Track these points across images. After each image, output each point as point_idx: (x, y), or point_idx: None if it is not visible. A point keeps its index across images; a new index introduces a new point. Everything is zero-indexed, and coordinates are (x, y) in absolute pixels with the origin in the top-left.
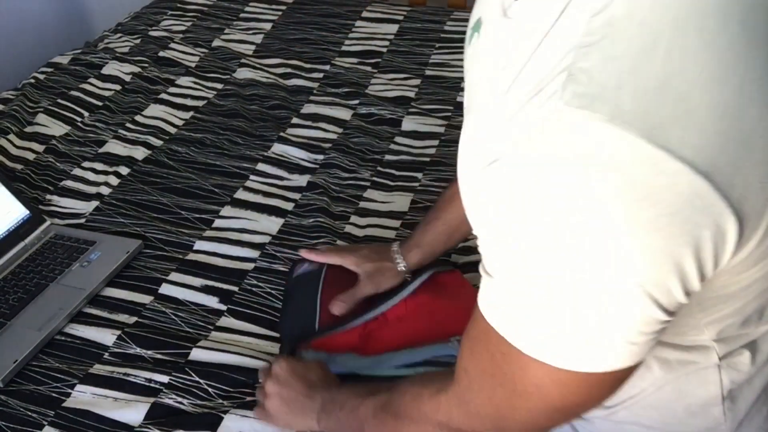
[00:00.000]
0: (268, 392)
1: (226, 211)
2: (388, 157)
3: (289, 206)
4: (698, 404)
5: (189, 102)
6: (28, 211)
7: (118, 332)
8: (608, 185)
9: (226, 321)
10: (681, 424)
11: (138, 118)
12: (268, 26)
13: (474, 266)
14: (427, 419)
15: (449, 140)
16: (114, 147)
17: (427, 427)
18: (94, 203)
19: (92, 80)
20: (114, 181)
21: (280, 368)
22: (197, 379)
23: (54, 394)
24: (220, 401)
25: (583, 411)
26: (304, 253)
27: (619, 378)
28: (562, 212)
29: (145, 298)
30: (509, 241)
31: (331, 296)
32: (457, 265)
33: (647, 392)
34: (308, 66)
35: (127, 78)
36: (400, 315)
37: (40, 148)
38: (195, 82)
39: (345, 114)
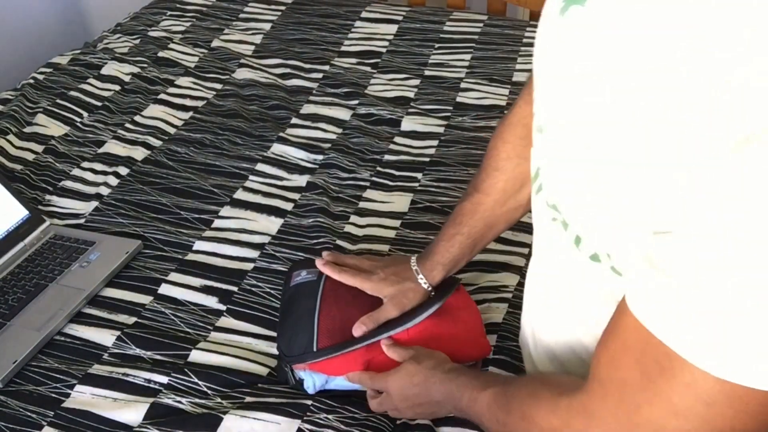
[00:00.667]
0: (386, 407)
1: (226, 211)
2: (387, 157)
3: (289, 206)
4: None
5: (188, 102)
6: (27, 212)
7: (118, 333)
8: None
9: (226, 321)
10: None
11: (137, 118)
12: (267, 26)
13: (474, 266)
14: (541, 420)
15: (449, 140)
16: (113, 147)
17: (536, 429)
18: (94, 203)
19: (91, 80)
20: (113, 181)
21: (392, 390)
22: (196, 379)
23: (53, 395)
24: (220, 401)
25: None
26: (319, 265)
27: None
28: None
29: (145, 299)
30: (740, 237)
31: (329, 312)
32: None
33: None
34: (307, 66)
35: (127, 78)
36: (402, 340)
37: (39, 148)
38: (194, 83)
39: (344, 114)
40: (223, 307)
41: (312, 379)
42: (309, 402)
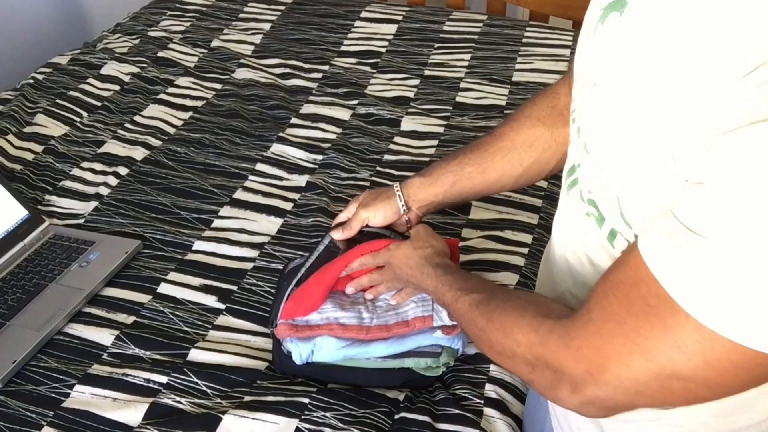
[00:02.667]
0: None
1: (225, 211)
2: (387, 157)
3: (288, 206)
4: None
5: (188, 102)
6: (27, 212)
7: (117, 332)
8: None
9: (224, 319)
10: None
11: (137, 118)
12: (267, 26)
13: (474, 266)
14: (519, 334)
15: (448, 140)
16: (113, 147)
17: (513, 343)
18: (93, 203)
19: (91, 80)
20: (113, 181)
21: (393, 262)
22: (196, 379)
23: (53, 395)
24: (219, 401)
25: (710, 395)
26: (334, 234)
27: None
28: None
29: (144, 298)
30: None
31: (305, 282)
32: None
33: (716, 401)
34: (307, 66)
35: (126, 78)
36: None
37: (38, 148)
38: (194, 83)
39: (344, 114)
40: (222, 306)
41: (298, 349)
42: (306, 401)
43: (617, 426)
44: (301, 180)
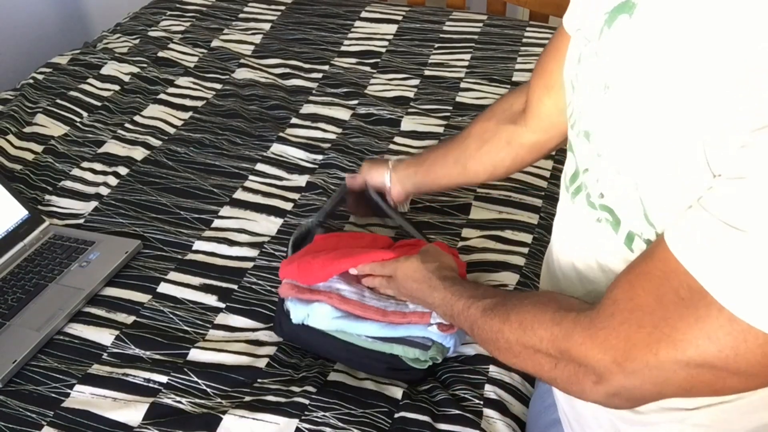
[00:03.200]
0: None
1: (225, 211)
2: (387, 157)
3: (288, 206)
4: None
5: (188, 102)
6: (27, 212)
7: (117, 332)
8: None
9: (224, 318)
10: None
11: (137, 118)
12: (267, 26)
13: (474, 266)
14: (540, 328)
15: None
16: (113, 147)
17: (535, 339)
18: (93, 203)
19: (91, 80)
20: (113, 181)
21: (397, 277)
22: (196, 379)
23: (53, 395)
24: (219, 401)
25: (740, 385)
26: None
27: None
28: None
29: (144, 298)
30: None
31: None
32: None
33: (745, 400)
34: (307, 66)
35: (126, 78)
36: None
37: (38, 148)
38: (194, 83)
39: (344, 114)
40: (222, 305)
41: (296, 310)
42: (306, 401)
43: (638, 430)
44: (301, 180)
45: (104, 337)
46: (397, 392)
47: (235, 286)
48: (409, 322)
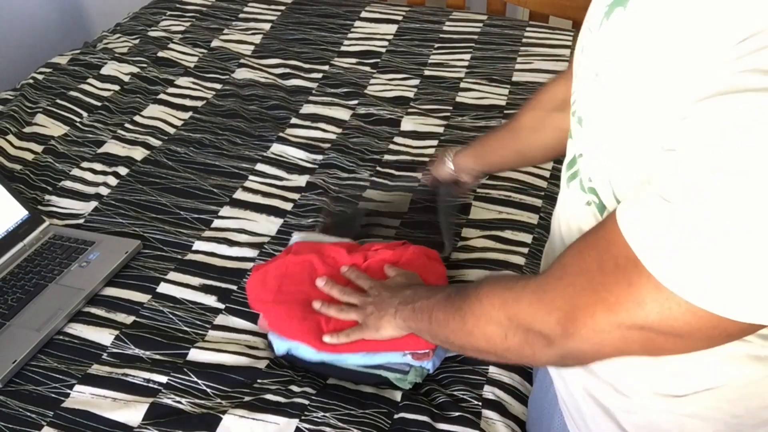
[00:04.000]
0: (362, 304)
1: (225, 211)
2: (387, 157)
3: (288, 206)
4: None
5: (188, 102)
6: (26, 212)
7: (116, 332)
8: None
9: (224, 319)
10: (750, 416)
11: (137, 118)
12: (267, 26)
13: (475, 265)
14: (494, 297)
15: (448, 140)
16: (113, 147)
17: (487, 306)
18: (93, 203)
19: (91, 80)
20: (113, 181)
21: (372, 288)
22: (195, 379)
23: (53, 395)
24: (219, 401)
25: (672, 346)
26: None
27: (741, 332)
28: None
29: (143, 298)
30: (731, 171)
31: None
32: (452, 261)
33: (729, 387)
34: (307, 66)
35: (126, 78)
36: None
37: (38, 148)
38: (194, 83)
39: (344, 114)
40: (221, 306)
41: (277, 343)
42: (306, 402)
43: (630, 418)
44: (301, 180)
45: (104, 337)
46: (396, 394)
47: (234, 287)
48: (386, 350)
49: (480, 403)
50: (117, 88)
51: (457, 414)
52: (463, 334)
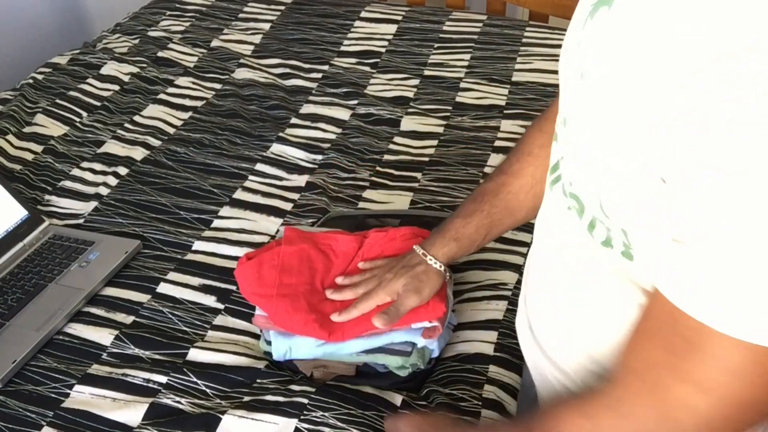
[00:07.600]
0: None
1: (225, 211)
2: (387, 157)
3: (288, 206)
4: None
5: (188, 102)
6: (26, 212)
7: (116, 332)
8: None
9: (223, 319)
10: None
11: (137, 118)
12: (266, 26)
13: (474, 264)
14: (570, 425)
15: (448, 140)
16: (112, 147)
17: None
18: (93, 203)
19: (91, 80)
20: (113, 181)
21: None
22: (195, 379)
23: (53, 395)
24: (219, 401)
25: None
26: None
27: None
28: None
29: (143, 298)
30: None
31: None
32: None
33: None
34: (307, 66)
35: (126, 78)
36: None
37: (38, 148)
38: (194, 83)
39: (344, 114)
40: (221, 306)
41: (276, 344)
42: (306, 401)
43: (585, 375)
44: (300, 180)
45: (104, 337)
46: (396, 397)
47: (234, 287)
48: (391, 329)
49: (480, 403)
50: (117, 88)
51: (456, 414)
52: None
